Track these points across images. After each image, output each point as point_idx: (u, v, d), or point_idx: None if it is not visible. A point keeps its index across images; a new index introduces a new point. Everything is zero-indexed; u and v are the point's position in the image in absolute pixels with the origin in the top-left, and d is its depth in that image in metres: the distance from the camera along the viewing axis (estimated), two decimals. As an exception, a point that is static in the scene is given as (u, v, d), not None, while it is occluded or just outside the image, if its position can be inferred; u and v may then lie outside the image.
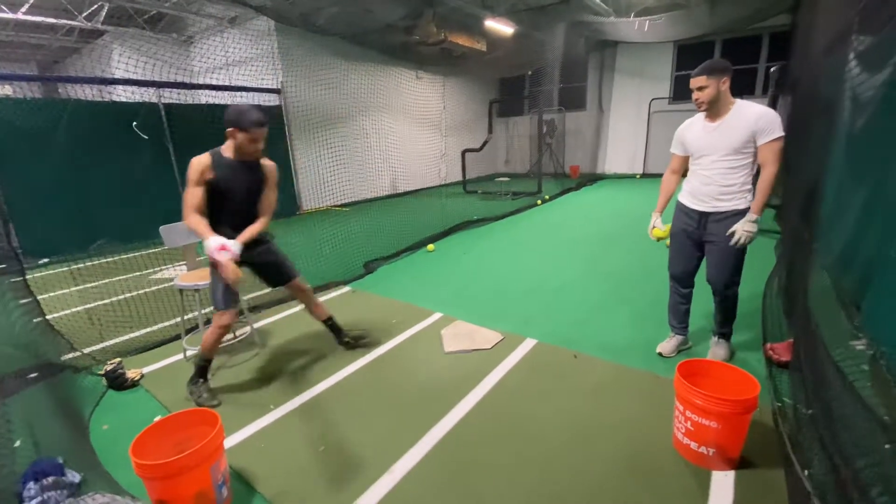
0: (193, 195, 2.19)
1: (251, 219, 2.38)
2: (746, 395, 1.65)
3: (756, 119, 2.05)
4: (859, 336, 2.31)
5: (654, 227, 2.59)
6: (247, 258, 2.37)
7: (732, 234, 2.17)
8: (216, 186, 2.25)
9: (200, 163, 2.20)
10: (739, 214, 2.18)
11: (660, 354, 2.61)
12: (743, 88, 9.99)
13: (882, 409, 1.56)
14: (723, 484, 1.65)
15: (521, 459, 1.83)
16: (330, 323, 2.84)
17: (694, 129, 2.29)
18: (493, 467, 1.80)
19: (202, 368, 2.39)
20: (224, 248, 2.14)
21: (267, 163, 2.45)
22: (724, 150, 2.15)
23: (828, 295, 2.73)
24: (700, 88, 2.14)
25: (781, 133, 2.04)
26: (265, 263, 2.58)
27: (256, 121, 2.19)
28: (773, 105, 5.38)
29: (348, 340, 2.85)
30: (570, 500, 1.61)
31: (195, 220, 2.18)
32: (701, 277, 2.47)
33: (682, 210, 2.42)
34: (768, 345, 2.45)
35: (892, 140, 2.24)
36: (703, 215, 2.28)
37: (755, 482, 1.65)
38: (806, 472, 1.51)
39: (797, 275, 2.60)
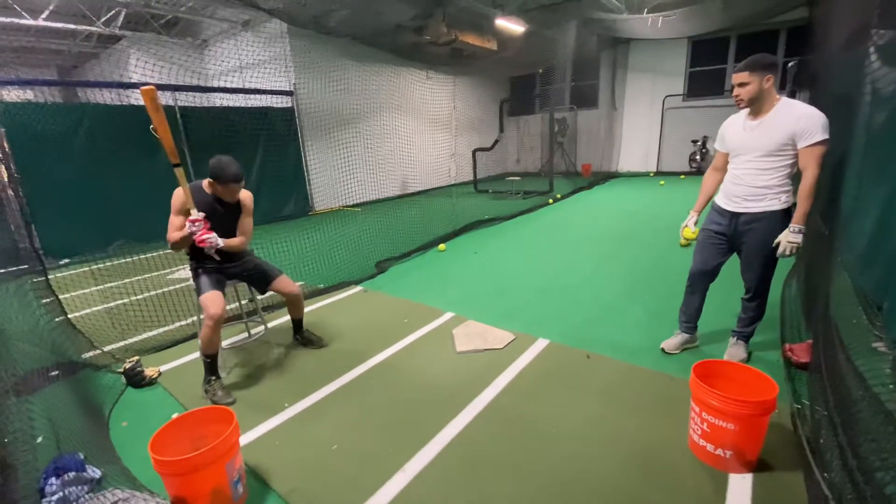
0: (173, 222, 2.45)
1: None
2: (764, 397, 1.62)
3: (797, 119, 1.96)
4: (880, 338, 2.25)
5: (686, 226, 2.49)
6: (233, 271, 2.66)
7: (774, 242, 2.11)
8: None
9: (180, 195, 2.42)
10: (772, 216, 2.12)
11: (663, 350, 2.60)
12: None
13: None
14: (740, 487, 1.62)
15: (534, 459, 1.83)
16: (296, 322, 2.97)
17: (735, 126, 2.21)
18: (506, 467, 1.79)
19: (210, 366, 2.44)
20: (198, 220, 2.36)
21: (243, 194, 2.65)
22: (759, 151, 2.08)
23: (848, 295, 2.67)
24: (741, 84, 2.04)
25: (825, 136, 1.93)
26: (250, 269, 2.75)
27: (233, 177, 2.45)
28: (790, 101, 5.28)
29: (298, 339, 2.99)
30: (582, 501, 1.60)
31: (173, 233, 2.45)
32: (719, 280, 2.44)
33: (714, 209, 2.37)
34: (787, 345, 2.40)
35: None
36: (734, 216, 2.23)
37: (773, 486, 1.62)
38: (825, 475, 1.48)
39: (817, 274, 2.55)
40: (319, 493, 1.71)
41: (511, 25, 8.39)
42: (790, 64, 5.89)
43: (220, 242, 2.42)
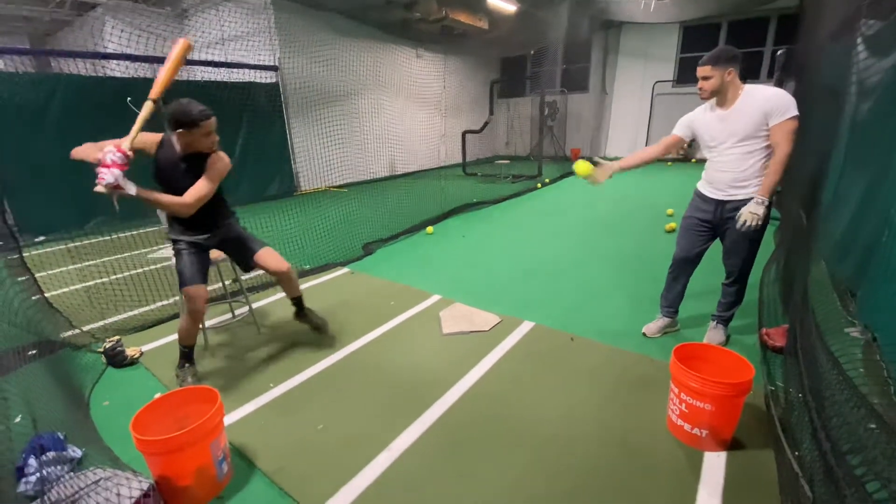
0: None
1: (205, 210, 2.27)
2: (740, 379, 1.67)
3: (766, 100, 2.01)
4: (854, 323, 2.33)
5: (584, 160, 2.46)
6: (211, 242, 2.40)
7: (737, 216, 2.14)
8: (156, 168, 2.25)
9: (150, 137, 2.18)
10: None
11: (644, 334, 2.66)
12: (748, 72, 9.84)
13: (873, 394, 1.59)
14: (714, 464, 1.68)
15: (517, 438, 1.86)
16: (296, 302, 2.70)
17: (706, 118, 2.26)
18: (490, 445, 1.83)
19: (186, 355, 2.33)
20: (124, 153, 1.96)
21: (214, 156, 2.29)
22: (738, 136, 2.12)
23: (824, 282, 2.75)
24: (705, 78, 2.13)
25: (795, 113, 1.98)
26: (231, 239, 2.47)
27: (201, 115, 2.15)
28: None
29: (301, 319, 2.74)
30: (564, 479, 1.65)
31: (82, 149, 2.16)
32: (702, 266, 2.48)
33: (699, 196, 2.39)
34: (764, 329, 2.47)
35: (892, 127, 2.22)
36: (720, 203, 2.26)
37: (746, 463, 1.69)
38: (795, 453, 1.54)
39: (795, 262, 2.61)
40: (305, 472, 1.72)
41: (503, 4, 8.24)
42: (779, 52, 5.92)
43: (130, 189, 1.94)
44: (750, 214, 2.08)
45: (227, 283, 3.11)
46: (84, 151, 2.05)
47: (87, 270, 4.18)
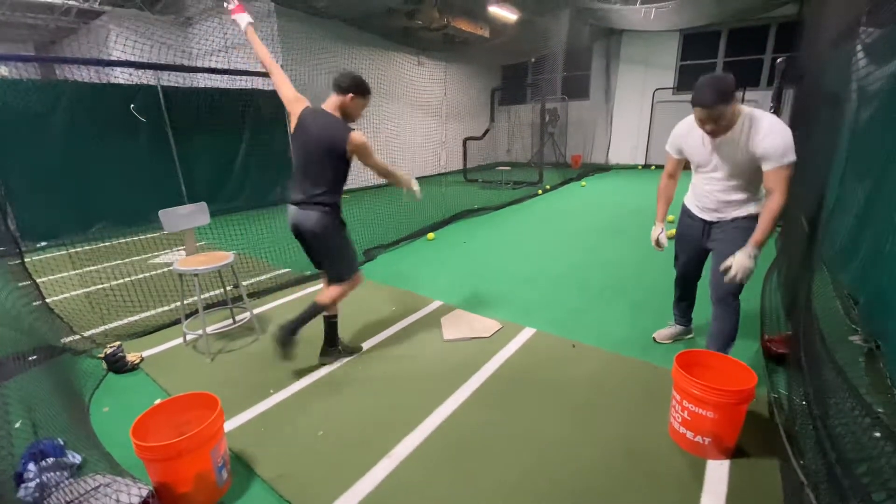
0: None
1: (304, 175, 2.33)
2: (743, 386, 1.66)
3: (762, 140, 1.78)
4: (857, 330, 2.32)
5: (657, 239, 2.36)
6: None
7: (724, 265, 1.92)
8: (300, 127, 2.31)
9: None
10: (747, 219, 1.98)
11: (654, 340, 2.64)
12: (748, 80, 9.89)
13: (877, 402, 1.58)
14: (717, 473, 1.67)
15: (518, 445, 1.85)
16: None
17: (694, 138, 2.04)
18: (491, 452, 1.81)
19: (335, 329, 2.50)
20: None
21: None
22: (723, 170, 1.96)
23: (826, 289, 2.74)
24: (715, 119, 1.79)
25: (791, 159, 1.76)
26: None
27: (369, 89, 2.29)
28: (777, 97, 5.33)
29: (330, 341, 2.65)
30: (565, 486, 1.63)
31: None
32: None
33: (686, 213, 2.29)
34: (766, 337, 2.46)
35: (893, 134, 2.22)
36: (707, 223, 2.15)
37: (749, 471, 1.67)
38: (800, 462, 1.53)
39: (797, 268, 2.60)
40: (305, 479, 1.71)
41: (504, 12, 8.30)
42: (779, 60, 5.95)
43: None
44: (740, 267, 1.86)
45: (228, 288, 3.11)
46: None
47: (88, 276, 4.19)
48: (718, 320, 2.13)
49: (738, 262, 1.87)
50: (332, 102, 2.23)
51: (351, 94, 2.20)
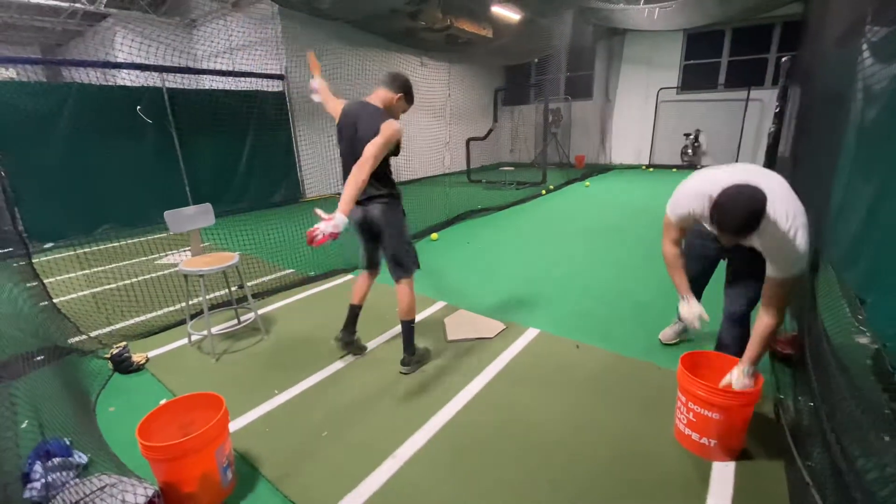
0: (382, 156, 2.16)
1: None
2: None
3: (777, 247, 1.57)
4: (863, 331, 2.30)
5: (691, 315, 1.91)
6: (358, 213, 2.39)
7: (724, 382, 1.72)
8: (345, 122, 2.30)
9: (399, 128, 2.16)
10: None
11: (660, 341, 2.62)
12: (752, 79, 9.84)
13: (884, 403, 1.56)
14: (723, 474, 1.66)
15: (523, 446, 1.85)
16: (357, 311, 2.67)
17: (704, 230, 1.86)
18: (495, 453, 1.81)
19: (411, 336, 2.44)
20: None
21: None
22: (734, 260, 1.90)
23: (833, 289, 2.72)
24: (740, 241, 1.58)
25: (800, 272, 1.59)
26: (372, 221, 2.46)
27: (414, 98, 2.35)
28: (783, 97, 5.29)
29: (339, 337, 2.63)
30: (569, 487, 1.63)
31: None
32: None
33: (698, 234, 2.11)
34: (772, 337, 2.44)
35: (903, 133, 2.20)
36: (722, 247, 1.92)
37: (755, 473, 1.66)
38: (807, 463, 1.52)
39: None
40: (309, 479, 1.72)
41: (507, 13, 8.30)
42: (784, 59, 5.92)
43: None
44: (740, 385, 1.68)
45: (233, 288, 3.13)
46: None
47: (94, 276, 4.22)
48: (728, 333, 2.06)
49: (738, 382, 1.69)
50: (378, 96, 2.25)
51: (401, 95, 2.26)
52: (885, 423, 1.39)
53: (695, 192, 1.74)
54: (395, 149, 2.24)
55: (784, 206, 1.53)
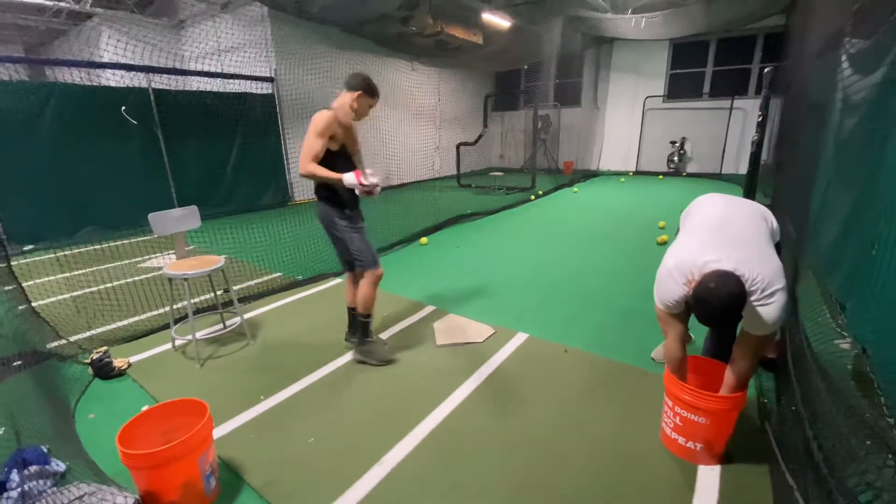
0: (316, 146, 2.26)
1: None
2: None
3: (746, 313, 1.58)
4: (844, 335, 2.35)
5: None
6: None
7: None
8: (339, 142, 2.38)
9: (328, 116, 2.26)
10: None
11: (653, 360, 2.55)
12: (736, 89, 10.05)
13: (864, 406, 1.59)
14: (708, 478, 1.68)
15: (511, 450, 1.84)
16: (354, 313, 2.71)
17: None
18: (484, 458, 1.81)
19: (366, 326, 2.53)
20: (359, 174, 2.26)
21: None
22: None
23: (813, 295, 2.78)
24: None
25: (767, 333, 1.61)
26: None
27: (378, 91, 2.38)
28: (765, 106, 5.41)
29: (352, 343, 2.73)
30: (557, 492, 1.63)
31: (318, 167, 2.27)
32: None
33: None
34: (755, 342, 2.48)
35: (878, 141, 2.27)
36: None
37: (740, 476, 1.68)
38: (790, 466, 1.54)
39: (785, 275, 2.63)
40: (295, 487, 1.69)
41: (497, 20, 8.38)
42: (766, 70, 6.06)
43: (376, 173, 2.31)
44: None
45: (218, 292, 3.08)
46: (324, 175, 2.31)
47: (75, 279, 4.13)
48: (712, 339, 2.10)
49: None
50: (338, 99, 2.35)
51: (360, 92, 2.32)
52: (866, 427, 1.42)
53: (673, 281, 1.68)
54: (340, 147, 2.37)
55: (760, 274, 1.52)
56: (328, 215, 2.46)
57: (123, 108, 5.92)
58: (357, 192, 2.30)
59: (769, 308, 1.54)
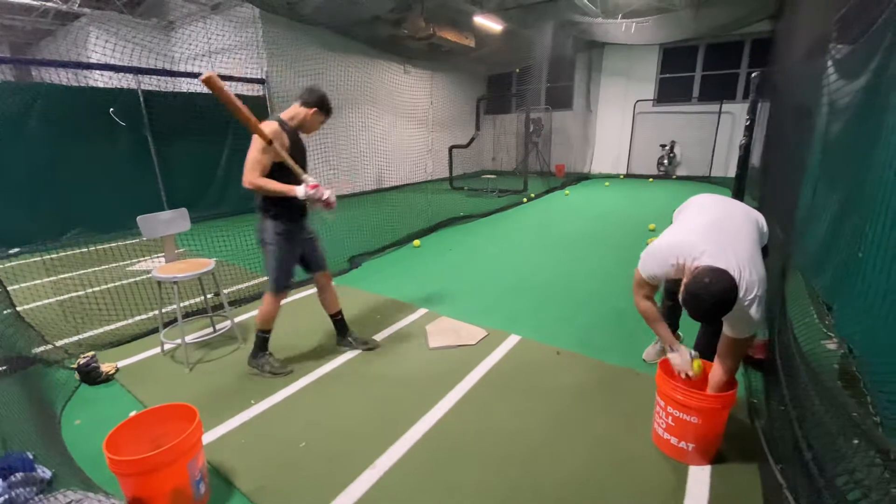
0: (264, 159, 2.21)
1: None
2: (725, 391, 1.69)
3: (738, 310, 1.57)
4: (830, 335, 2.39)
5: (688, 366, 1.84)
6: (306, 235, 2.48)
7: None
8: (291, 144, 2.31)
9: (273, 130, 2.20)
10: None
11: (644, 361, 2.56)
12: (724, 93, 10.20)
13: (850, 405, 1.62)
14: (699, 478, 1.69)
15: (504, 453, 1.84)
16: (338, 318, 2.78)
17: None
18: (476, 461, 1.80)
19: (265, 342, 2.47)
20: (316, 185, 2.21)
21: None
22: None
23: (801, 295, 2.82)
24: None
25: (750, 334, 1.67)
26: (314, 241, 2.58)
27: (332, 110, 2.39)
28: (753, 110, 5.50)
29: (351, 341, 2.78)
30: (551, 493, 1.63)
31: (270, 181, 2.23)
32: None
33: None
34: (745, 343, 2.50)
35: (863, 146, 2.31)
36: None
37: (730, 475, 1.69)
38: (779, 465, 1.55)
39: (773, 276, 2.67)
40: (286, 491, 1.67)
41: (489, 23, 8.42)
42: (753, 74, 6.16)
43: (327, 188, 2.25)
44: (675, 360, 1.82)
45: (208, 296, 3.05)
46: (273, 188, 2.25)
47: (62, 283, 4.06)
48: (702, 340, 2.12)
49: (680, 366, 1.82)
50: (290, 111, 2.34)
51: (315, 109, 2.32)
52: (852, 426, 1.44)
53: (662, 258, 1.75)
54: (292, 161, 2.25)
55: (748, 278, 1.55)
56: (266, 228, 2.36)
57: (112, 109, 5.85)
58: (309, 205, 2.24)
59: (751, 310, 1.57)
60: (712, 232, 1.69)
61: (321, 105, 2.31)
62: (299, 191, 2.19)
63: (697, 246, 1.63)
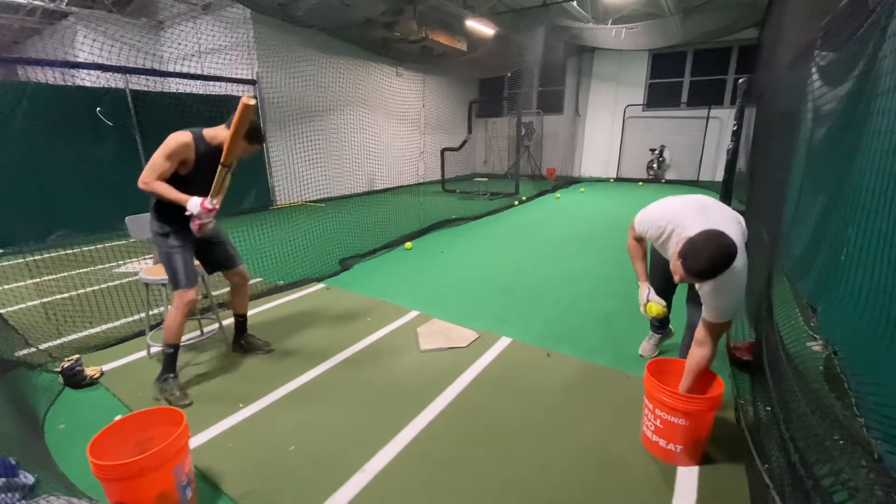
0: (164, 166, 2.14)
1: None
2: (712, 393, 1.71)
3: (712, 292, 1.66)
4: (815, 337, 2.42)
5: (647, 301, 2.12)
6: (199, 238, 2.34)
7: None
8: (191, 167, 2.22)
9: (182, 142, 2.14)
10: None
11: (641, 356, 2.60)
12: (712, 99, 10.36)
13: (835, 406, 1.64)
14: (688, 479, 1.70)
15: (494, 455, 1.84)
16: (241, 319, 2.76)
17: (663, 250, 2.02)
18: (467, 464, 1.80)
19: (170, 359, 2.29)
20: (212, 210, 2.18)
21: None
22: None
23: (786, 298, 2.86)
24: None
25: (725, 321, 1.72)
26: (221, 239, 2.55)
27: (264, 138, 2.35)
28: (739, 116, 5.58)
29: (243, 343, 2.75)
30: (541, 496, 1.63)
31: (164, 186, 2.16)
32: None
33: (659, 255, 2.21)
34: (732, 344, 2.54)
35: (846, 151, 2.36)
36: None
37: (718, 476, 1.71)
38: (765, 466, 1.57)
39: (759, 278, 2.71)
40: (275, 496, 1.66)
41: (481, 27, 8.47)
42: (740, 80, 6.27)
43: (216, 207, 2.20)
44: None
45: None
46: (167, 195, 2.17)
47: (45, 285, 3.99)
48: (689, 341, 2.07)
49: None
50: (217, 131, 2.27)
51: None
52: (837, 426, 1.46)
53: (650, 219, 1.95)
54: (192, 171, 2.22)
55: (737, 262, 1.59)
56: (153, 227, 2.31)
57: (99, 108, 5.78)
58: (192, 221, 2.17)
59: (733, 293, 1.66)
60: (703, 215, 1.78)
61: (252, 134, 2.22)
62: (191, 203, 2.13)
63: (687, 220, 1.75)
